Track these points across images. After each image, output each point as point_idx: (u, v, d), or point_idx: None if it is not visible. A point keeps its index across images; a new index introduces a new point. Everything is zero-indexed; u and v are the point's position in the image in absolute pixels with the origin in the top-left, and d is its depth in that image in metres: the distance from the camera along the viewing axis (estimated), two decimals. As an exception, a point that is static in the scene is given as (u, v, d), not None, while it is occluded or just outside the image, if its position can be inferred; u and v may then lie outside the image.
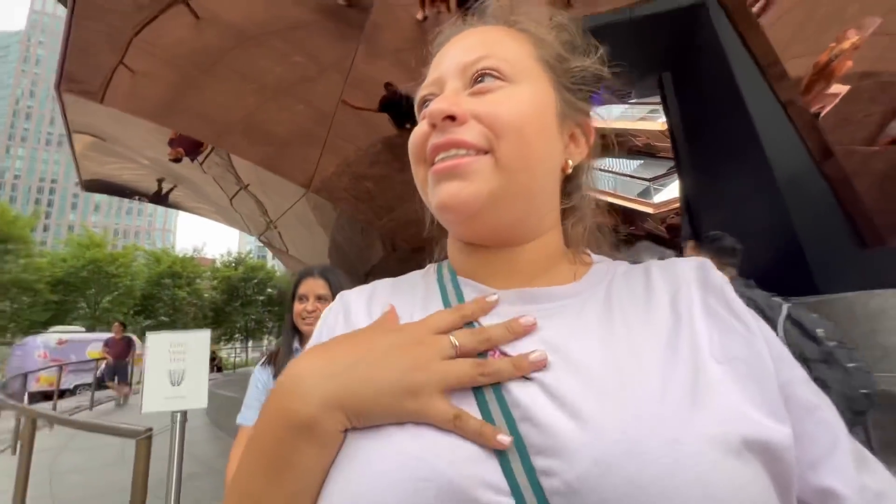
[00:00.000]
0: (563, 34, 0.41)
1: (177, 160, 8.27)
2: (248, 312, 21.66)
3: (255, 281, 21.92)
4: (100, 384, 7.71)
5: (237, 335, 22.71)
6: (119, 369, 7.45)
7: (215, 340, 24.05)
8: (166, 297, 18.00)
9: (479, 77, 0.37)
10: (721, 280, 0.36)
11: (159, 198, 9.98)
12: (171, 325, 18.46)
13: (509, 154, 0.34)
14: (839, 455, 0.30)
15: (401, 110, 5.67)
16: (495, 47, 0.38)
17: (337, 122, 6.31)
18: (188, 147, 7.90)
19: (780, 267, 4.19)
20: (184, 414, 1.49)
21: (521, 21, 0.41)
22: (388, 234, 6.92)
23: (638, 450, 0.25)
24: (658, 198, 11.80)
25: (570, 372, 0.30)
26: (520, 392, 0.29)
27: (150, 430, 1.39)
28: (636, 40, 4.00)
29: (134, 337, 9.27)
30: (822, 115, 4.35)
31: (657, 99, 5.45)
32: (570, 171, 0.40)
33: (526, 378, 0.30)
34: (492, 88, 0.36)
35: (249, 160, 7.27)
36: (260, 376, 1.33)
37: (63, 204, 72.73)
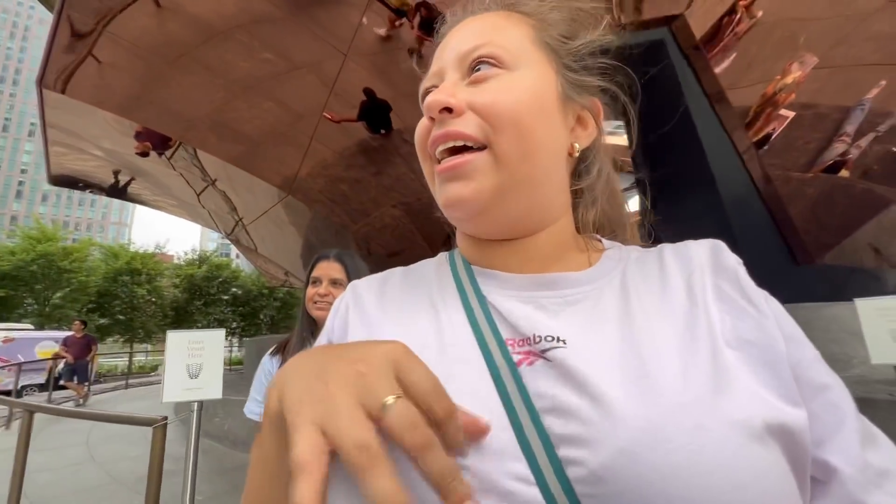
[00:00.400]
0: (565, 11, 0.41)
1: (144, 154, 8.06)
2: (211, 312, 21.01)
3: (220, 280, 21.31)
4: (56, 384, 7.39)
5: (198, 335, 21.97)
6: (78, 369, 7.19)
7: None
8: (124, 295, 17.23)
9: (476, 65, 0.37)
10: (734, 262, 0.35)
11: (117, 191, 9.64)
12: (129, 324, 17.65)
13: (508, 147, 0.34)
14: (845, 433, 0.30)
15: (378, 115, 5.76)
16: (493, 34, 0.38)
17: (311, 124, 6.26)
18: (155, 141, 7.73)
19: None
20: (200, 403, 1.61)
21: (521, 3, 0.40)
22: (362, 239, 7.02)
23: (662, 437, 0.25)
24: None
25: (591, 359, 0.30)
26: (541, 382, 0.29)
27: (166, 417, 1.51)
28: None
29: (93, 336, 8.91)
30: (774, 136, 4.87)
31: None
32: (576, 154, 0.40)
33: (546, 361, 0.30)
34: (489, 76, 0.36)
35: (220, 158, 7.14)
36: (268, 367, 1.31)
37: (6, 192, 67.87)
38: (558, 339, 0.31)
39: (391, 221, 6.49)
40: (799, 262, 4.82)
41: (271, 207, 7.48)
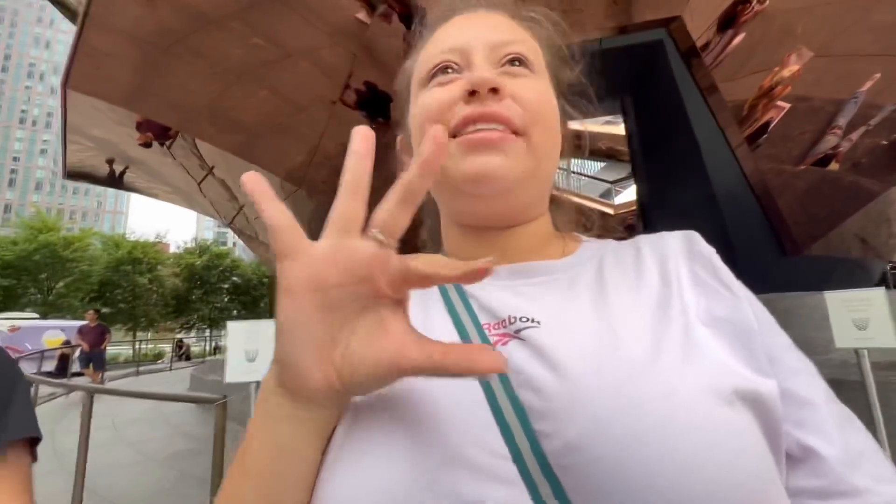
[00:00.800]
0: (563, 45, 0.44)
1: (146, 145, 8.12)
2: (212, 301, 21.21)
3: (220, 269, 21.46)
4: (60, 371, 7.58)
5: (200, 324, 22.20)
6: (94, 357, 7.42)
7: (180, 329, 23.41)
8: (125, 284, 17.37)
9: (511, 60, 0.38)
10: (708, 250, 0.37)
11: (113, 180, 9.63)
12: (131, 313, 17.82)
13: (540, 140, 0.36)
14: (823, 416, 0.31)
15: (377, 105, 5.74)
16: (521, 36, 0.40)
17: (310, 115, 6.26)
18: (157, 131, 7.77)
19: (716, 269, 4.86)
20: (257, 383, 1.81)
21: (534, 23, 0.42)
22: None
23: (634, 403, 0.26)
24: (619, 199, 12.29)
25: (564, 336, 0.31)
26: (515, 358, 0.30)
27: (226, 397, 1.69)
28: (604, 67, 4.51)
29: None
30: (771, 127, 5.01)
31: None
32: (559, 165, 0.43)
33: (520, 340, 0.31)
34: (522, 74, 0.38)
35: (220, 147, 7.02)
36: None
37: (-1, 181, 67.17)
38: (532, 320, 0.33)
39: None
40: (787, 253, 5.02)
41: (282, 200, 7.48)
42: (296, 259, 0.25)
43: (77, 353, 7.71)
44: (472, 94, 0.35)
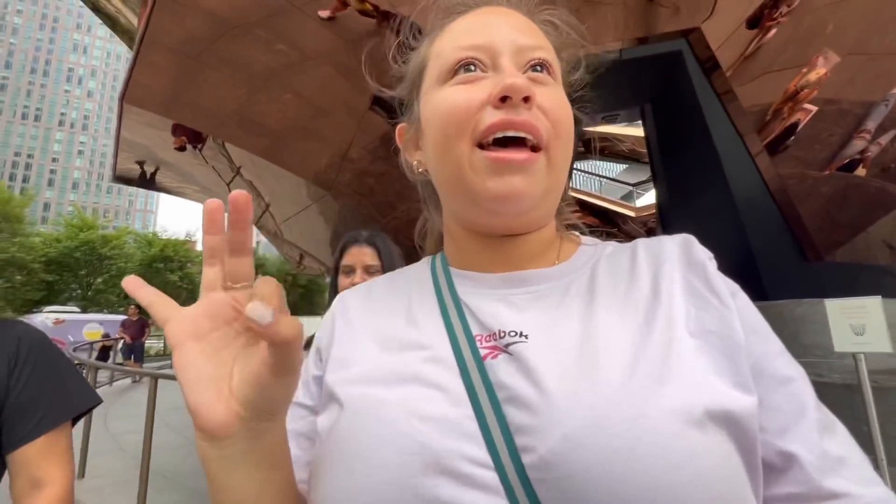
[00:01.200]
0: (578, 53, 0.44)
1: (181, 148, 8.51)
2: (238, 297, 21.82)
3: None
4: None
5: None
6: (135, 349, 7.91)
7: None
8: (158, 281, 18.17)
9: (535, 65, 0.37)
10: (704, 256, 0.37)
11: (145, 181, 10.03)
12: (162, 309, 18.51)
13: (558, 154, 0.36)
14: (805, 423, 0.31)
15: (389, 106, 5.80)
16: (544, 42, 0.39)
17: (335, 119, 6.34)
18: (190, 135, 8.14)
19: (736, 275, 4.82)
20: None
21: (552, 27, 0.41)
22: (391, 232, 7.31)
23: (604, 424, 0.27)
24: (640, 202, 12.13)
25: (549, 353, 0.32)
26: (503, 374, 0.32)
27: None
28: (625, 76, 4.65)
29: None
30: (800, 127, 4.94)
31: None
32: None
33: (508, 354, 0.33)
34: (546, 82, 0.37)
35: (249, 150, 7.35)
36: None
37: (39, 180, 70.40)
38: (521, 334, 0.34)
39: (418, 216, 6.75)
40: (809, 259, 5.00)
41: (305, 208, 7.67)
42: (174, 321, 0.28)
43: (120, 345, 8.20)
44: (502, 99, 0.34)
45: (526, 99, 0.34)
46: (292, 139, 6.93)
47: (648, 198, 12.12)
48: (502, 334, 0.34)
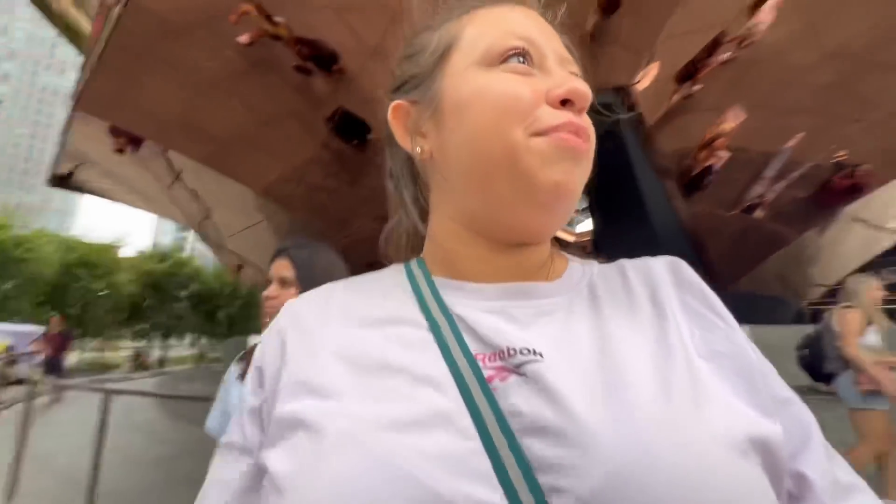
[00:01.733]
0: None
1: (121, 151, 8.10)
2: (168, 309, 20.50)
3: (181, 277, 20.84)
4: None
5: (155, 332, 21.38)
6: (57, 363, 7.28)
7: (132, 337, 22.38)
8: (78, 289, 16.63)
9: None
10: (696, 278, 0.36)
11: (62, 179, 9.36)
12: (81, 319, 17.00)
13: (590, 157, 0.35)
14: (813, 447, 0.30)
15: (353, 130, 5.78)
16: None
17: (285, 128, 6.22)
18: (130, 138, 7.79)
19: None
20: None
21: (570, 54, 0.39)
22: (341, 251, 7.32)
23: (649, 457, 0.24)
24: (580, 228, 12.66)
25: (570, 373, 0.28)
26: (517, 399, 0.27)
27: None
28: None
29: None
30: (715, 169, 5.69)
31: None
32: None
33: (521, 376, 0.28)
34: None
35: (193, 158, 6.91)
36: (232, 375, 1.16)
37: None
38: (534, 352, 0.29)
39: (371, 234, 6.80)
40: (716, 289, 5.79)
41: (257, 223, 7.48)
42: None
43: (39, 358, 7.52)
44: (562, 102, 0.32)
45: (580, 108, 0.33)
46: (237, 147, 6.65)
47: (588, 224, 12.74)
48: (511, 352, 0.29)
